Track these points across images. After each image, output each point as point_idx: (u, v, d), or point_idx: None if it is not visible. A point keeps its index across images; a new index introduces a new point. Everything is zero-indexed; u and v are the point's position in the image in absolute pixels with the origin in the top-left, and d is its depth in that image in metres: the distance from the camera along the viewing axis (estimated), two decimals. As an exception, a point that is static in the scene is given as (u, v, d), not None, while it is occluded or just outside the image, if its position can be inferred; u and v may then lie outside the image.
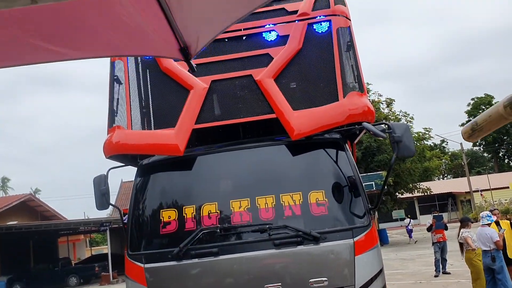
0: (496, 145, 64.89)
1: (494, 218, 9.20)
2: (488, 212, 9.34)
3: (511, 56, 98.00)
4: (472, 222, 10.33)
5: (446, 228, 14.69)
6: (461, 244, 9.74)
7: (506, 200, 38.16)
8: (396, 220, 44.16)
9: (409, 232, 29.48)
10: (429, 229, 14.57)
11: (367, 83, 30.61)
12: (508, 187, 39.49)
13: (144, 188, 5.02)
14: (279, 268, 4.38)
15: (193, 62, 5.31)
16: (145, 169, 5.07)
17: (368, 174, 25.83)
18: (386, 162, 26.91)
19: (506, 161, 68.31)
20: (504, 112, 2.09)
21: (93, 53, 2.19)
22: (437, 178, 51.33)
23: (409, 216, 32.54)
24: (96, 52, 2.20)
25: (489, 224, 8.86)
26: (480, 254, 9.13)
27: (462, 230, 9.73)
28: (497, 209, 10.70)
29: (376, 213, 31.41)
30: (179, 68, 5.07)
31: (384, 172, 26.56)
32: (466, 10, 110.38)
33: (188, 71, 5.00)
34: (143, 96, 5.27)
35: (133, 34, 2.04)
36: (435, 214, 15.02)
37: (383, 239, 30.49)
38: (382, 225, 34.94)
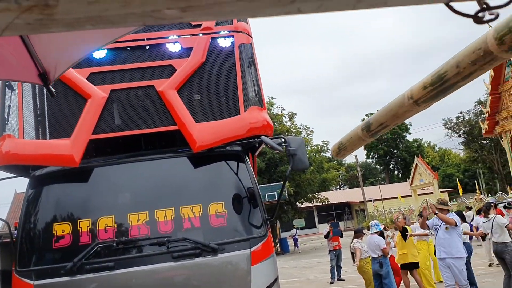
0: (387, 157, 70.02)
1: (382, 226, 9.98)
2: (376, 221, 10.11)
3: (399, 77, 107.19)
4: (364, 233, 11.10)
5: (341, 235, 15.53)
6: (352, 253, 10.41)
7: (395, 209, 41.21)
8: (297, 229, 45.72)
9: (295, 241, 31.15)
10: (326, 236, 15.30)
11: (272, 97, 31.65)
12: (397, 197, 42.75)
13: (36, 200, 4.75)
14: (177, 280, 4.36)
15: (93, 69, 5.16)
16: (38, 180, 4.80)
17: (271, 184, 26.55)
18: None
19: (396, 172, 73.88)
20: (362, 134, 2.34)
21: None
22: (334, 188, 54.10)
23: (295, 226, 34.30)
24: None
25: (377, 232, 9.56)
26: (369, 262, 9.84)
27: (354, 240, 10.40)
28: (403, 215, 11.50)
29: (278, 222, 32.24)
30: (77, 76, 4.89)
31: (287, 183, 27.46)
32: (363, 33, 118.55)
33: (87, 79, 4.85)
34: (37, 103, 4.99)
35: None
36: (332, 222, 15.83)
37: (284, 248, 31.46)
38: (283, 234, 35.92)
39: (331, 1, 0.86)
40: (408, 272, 9.77)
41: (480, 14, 1.01)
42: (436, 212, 7.98)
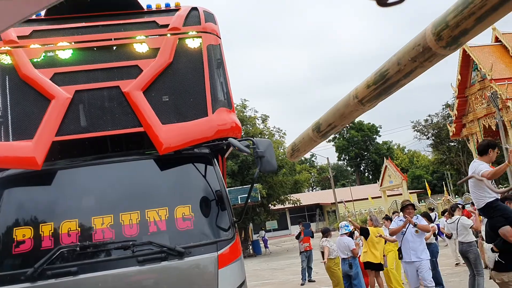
0: (358, 159, 70.97)
1: (351, 227, 10.08)
2: (346, 222, 10.20)
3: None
4: (330, 232, 11.21)
5: (312, 236, 15.64)
6: (322, 252, 10.49)
7: (365, 210, 41.80)
8: (269, 230, 45.82)
9: (265, 242, 31.73)
10: (297, 236, 15.37)
11: (245, 100, 31.67)
12: (367, 198, 43.35)
13: None
14: (143, 285, 4.28)
15: (57, 70, 5.03)
16: None
17: (244, 186, 26.55)
18: (261, 175, 27.90)
19: (366, 174, 74.95)
20: (312, 135, 2.32)
21: None
22: (306, 190, 54.47)
23: (262, 228, 34.75)
24: None
25: (346, 234, 9.65)
26: (339, 263, 9.92)
27: (323, 239, 10.49)
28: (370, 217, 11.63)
29: (251, 224, 32.22)
30: (40, 76, 4.75)
31: (259, 185, 27.52)
32: (338, 36, 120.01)
33: (51, 79, 4.73)
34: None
35: None
36: (303, 223, 15.94)
37: (256, 250, 31.48)
38: (256, 236, 35.94)
39: None
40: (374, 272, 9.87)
41: None
42: (415, 223, 7.91)
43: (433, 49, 1.39)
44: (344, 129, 63.95)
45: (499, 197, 5.41)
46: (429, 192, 37.54)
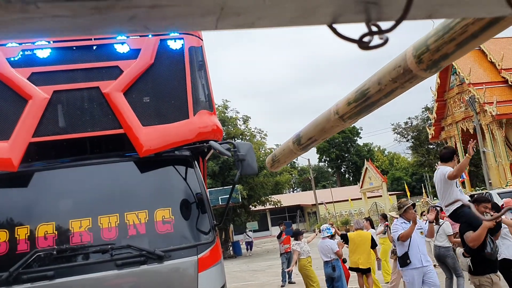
0: (339, 161, 71.48)
1: (333, 230, 10.11)
2: (328, 225, 10.25)
3: (350, 82, 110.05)
4: (302, 234, 11.22)
5: (292, 235, 15.70)
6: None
7: (346, 211, 42.11)
8: (250, 231, 45.83)
9: (250, 244, 32.06)
10: (279, 236, 15.37)
11: (226, 100, 31.60)
12: (347, 200, 43.70)
13: None
14: None
15: (34, 69, 4.94)
16: None
17: (225, 187, 26.48)
18: (242, 176, 27.81)
19: (347, 176, 75.50)
20: (293, 147, 2.34)
21: None
22: (287, 191, 54.65)
23: (248, 229, 34.98)
24: None
25: (328, 236, 9.67)
26: (311, 261, 9.98)
27: (293, 242, 10.55)
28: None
29: (232, 225, 32.14)
30: (16, 76, 4.65)
31: (240, 186, 27.48)
32: (318, 39, 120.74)
33: (28, 79, 4.63)
34: None
35: None
36: (286, 222, 15.92)
37: (237, 251, 31.44)
38: (236, 237, 35.90)
39: (184, 20, 0.78)
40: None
41: (366, 39, 0.89)
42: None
43: (414, 71, 1.40)
44: (325, 130, 64.27)
45: (465, 203, 5.48)
46: (408, 194, 37.99)
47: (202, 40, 5.38)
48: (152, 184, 4.89)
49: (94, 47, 5.04)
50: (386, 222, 11.53)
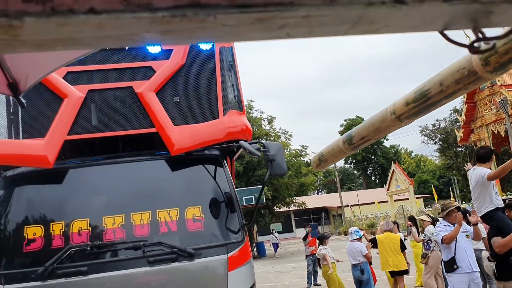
0: (365, 163, 70.75)
1: (362, 233, 9.98)
2: (356, 228, 10.13)
3: (377, 83, 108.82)
4: (328, 238, 11.17)
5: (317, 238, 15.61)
6: (318, 260, 10.48)
7: (372, 214, 41.64)
8: (276, 232, 45.80)
9: (276, 246, 31.58)
10: (304, 238, 15.32)
11: (251, 100, 31.66)
12: (374, 203, 43.20)
13: (7, 202, 4.61)
14: (153, 285, 4.29)
15: (70, 69, 5.06)
16: (9, 181, 4.66)
17: (249, 188, 26.49)
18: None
19: (373, 178, 74.69)
20: (343, 147, 2.36)
21: None
22: (312, 193, 54.38)
23: (273, 230, 34.58)
24: None
25: (357, 239, 9.56)
26: (334, 267, 9.90)
27: (320, 247, 10.46)
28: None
29: (255, 226, 32.16)
30: (53, 75, 4.77)
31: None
32: (346, 40, 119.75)
33: (63, 78, 4.75)
34: (11, 102, 4.86)
35: None
36: (312, 224, 15.87)
37: (261, 252, 31.42)
38: (260, 238, 35.90)
39: (321, 27, 0.84)
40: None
41: (475, 44, 0.99)
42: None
43: (479, 73, 1.42)
44: (351, 132, 63.73)
45: (499, 207, 5.38)
46: (436, 197, 37.36)
47: (232, 40, 5.42)
48: (182, 183, 4.95)
49: (127, 48, 5.13)
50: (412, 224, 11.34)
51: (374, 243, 9.76)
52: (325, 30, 0.86)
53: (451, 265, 6.52)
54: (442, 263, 6.96)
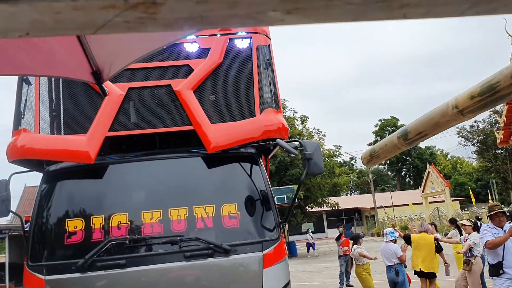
0: (399, 164, 69.51)
1: (397, 234, 9.81)
2: (391, 229, 9.93)
3: (412, 83, 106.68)
4: (362, 238, 11.07)
5: (351, 238, 15.47)
6: (351, 259, 10.38)
7: (405, 216, 40.85)
8: (305, 233, 45.56)
9: (312, 246, 31.07)
10: (338, 238, 15.19)
11: (284, 100, 31.54)
12: (408, 204, 42.36)
13: (50, 195, 4.77)
14: (188, 280, 4.36)
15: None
16: (52, 175, 4.82)
17: (281, 187, 26.46)
18: (298, 176, 27.72)
19: (407, 179, 73.32)
20: (398, 142, 2.32)
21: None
22: (344, 193, 53.84)
23: (308, 230, 34.19)
24: (2, 71, 2.10)
25: (392, 240, 9.40)
26: (368, 268, 9.80)
27: (354, 246, 10.35)
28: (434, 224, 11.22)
29: (287, 225, 32.07)
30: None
31: (296, 186, 27.37)
32: (380, 37, 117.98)
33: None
34: (53, 99, 5.02)
35: (44, 55, 1.98)
36: (345, 224, 15.72)
37: (292, 251, 31.32)
38: (291, 238, 35.81)
39: (439, 7, 0.83)
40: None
41: None
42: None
43: None
44: (386, 132, 62.81)
45: None
46: (473, 200, 36.31)
47: (269, 38, 5.44)
48: (218, 180, 5.00)
49: (165, 46, 5.21)
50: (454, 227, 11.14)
51: (408, 241, 9.60)
52: (442, 10, 0.84)
53: (497, 269, 6.32)
54: (489, 266, 6.72)
